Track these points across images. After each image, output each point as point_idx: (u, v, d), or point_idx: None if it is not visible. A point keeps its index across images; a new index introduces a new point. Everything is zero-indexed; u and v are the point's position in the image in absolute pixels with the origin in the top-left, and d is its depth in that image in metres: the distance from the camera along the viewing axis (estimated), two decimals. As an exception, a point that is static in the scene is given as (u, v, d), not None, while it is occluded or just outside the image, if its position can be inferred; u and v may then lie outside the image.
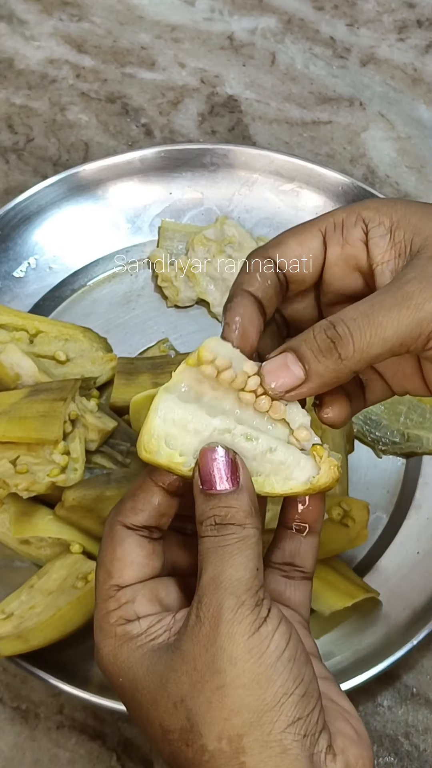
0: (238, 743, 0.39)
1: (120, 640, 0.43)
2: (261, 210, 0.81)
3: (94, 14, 0.94)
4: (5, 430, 0.61)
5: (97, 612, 0.44)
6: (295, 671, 0.40)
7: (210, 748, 0.39)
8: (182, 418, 0.43)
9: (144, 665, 0.41)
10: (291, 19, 0.95)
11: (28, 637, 0.59)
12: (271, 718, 0.39)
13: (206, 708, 0.39)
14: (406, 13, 0.96)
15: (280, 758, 0.39)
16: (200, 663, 0.40)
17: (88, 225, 0.79)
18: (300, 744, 0.39)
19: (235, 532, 0.42)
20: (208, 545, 0.42)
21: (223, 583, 0.41)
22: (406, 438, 0.71)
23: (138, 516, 0.44)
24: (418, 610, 0.64)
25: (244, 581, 0.41)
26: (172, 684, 0.40)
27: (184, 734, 0.40)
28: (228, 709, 0.39)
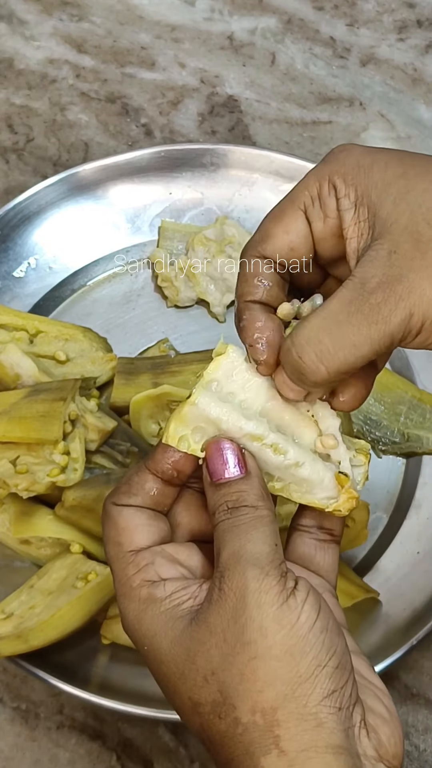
0: (272, 716, 0.38)
1: (144, 603, 0.42)
2: (261, 210, 0.80)
3: (94, 14, 0.94)
4: (5, 430, 0.61)
5: (117, 582, 0.43)
6: (328, 642, 0.40)
7: (244, 720, 0.39)
8: (217, 418, 0.43)
9: (168, 636, 0.41)
10: (291, 19, 0.95)
11: (28, 637, 0.59)
12: (305, 690, 0.38)
13: (239, 680, 0.39)
14: (406, 13, 0.96)
15: (315, 732, 0.38)
16: (229, 635, 0.39)
17: (88, 225, 0.79)
18: (335, 717, 0.39)
19: (249, 513, 0.42)
20: (223, 527, 0.42)
21: (244, 556, 0.40)
22: (406, 438, 0.71)
23: (131, 500, 0.44)
24: (418, 610, 0.64)
25: (265, 553, 0.40)
26: (201, 657, 0.40)
27: (216, 707, 0.39)
28: (261, 681, 0.39)
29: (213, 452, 0.43)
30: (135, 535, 0.43)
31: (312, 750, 0.38)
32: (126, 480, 0.45)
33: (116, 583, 0.43)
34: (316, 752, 0.38)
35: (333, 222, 0.44)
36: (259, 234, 0.46)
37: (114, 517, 0.44)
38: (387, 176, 0.42)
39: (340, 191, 0.43)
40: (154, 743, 0.62)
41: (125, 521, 0.44)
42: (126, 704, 0.58)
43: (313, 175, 0.44)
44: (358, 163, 0.43)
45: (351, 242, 0.43)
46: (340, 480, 0.45)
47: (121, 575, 0.43)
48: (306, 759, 0.38)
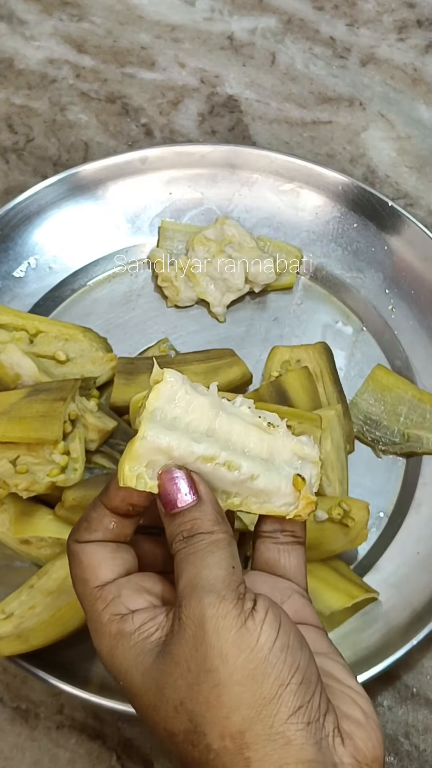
0: (240, 739, 0.39)
1: (114, 638, 0.43)
2: (261, 210, 0.81)
3: (94, 14, 0.94)
4: (5, 430, 0.61)
5: (88, 619, 0.44)
6: (290, 660, 0.40)
7: (215, 746, 0.39)
8: (168, 447, 0.43)
9: (139, 670, 0.42)
10: (291, 19, 0.95)
11: (28, 637, 0.59)
12: (270, 711, 0.39)
13: (206, 708, 0.39)
14: (406, 13, 0.96)
15: (284, 750, 0.39)
16: (192, 664, 0.40)
17: (88, 225, 0.79)
18: (305, 732, 0.39)
19: (204, 539, 0.42)
20: (180, 557, 0.42)
21: (199, 583, 0.41)
22: (406, 438, 0.71)
23: (92, 535, 0.45)
24: (418, 610, 0.64)
25: (221, 578, 0.41)
26: (170, 689, 0.40)
27: (188, 735, 0.40)
28: (227, 707, 0.39)
29: (165, 482, 0.43)
30: (98, 570, 0.44)
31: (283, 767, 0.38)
32: (84, 517, 0.46)
33: (88, 619, 0.44)
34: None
35: None
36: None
37: (77, 554, 0.45)
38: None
39: None
40: (154, 743, 0.62)
41: (88, 558, 0.44)
42: (126, 704, 0.58)
43: None
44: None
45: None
46: (297, 483, 0.46)
47: (90, 611, 0.44)
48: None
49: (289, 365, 0.72)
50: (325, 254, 0.79)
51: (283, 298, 0.78)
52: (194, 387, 0.45)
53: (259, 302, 0.78)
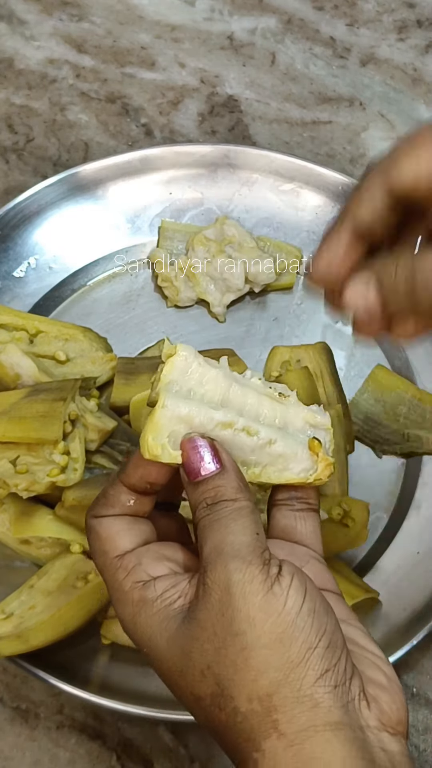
0: (268, 702, 0.39)
1: (137, 606, 0.42)
2: (261, 210, 0.81)
3: (94, 14, 0.94)
4: (5, 430, 0.61)
5: (110, 588, 0.44)
6: (317, 624, 0.40)
7: (242, 709, 0.39)
8: (188, 415, 0.44)
9: (164, 636, 0.42)
10: (291, 19, 0.95)
11: (28, 637, 0.59)
12: (298, 674, 0.39)
13: (233, 671, 0.40)
14: (406, 13, 0.96)
15: (312, 712, 0.39)
16: (219, 628, 0.40)
17: (88, 225, 0.79)
18: (332, 695, 0.39)
19: (228, 506, 0.42)
20: (204, 523, 0.42)
21: (225, 549, 0.41)
22: (406, 438, 0.71)
23: (109, 510, 0.45)
24: (418, 610, 0.64)
25: (246, 544, 0.41)
26: (196, 653, 0.40)
27: (215, 699, 0.40)
28: (254, 670, 0.39)
29: (188, 451, 0.43)
30: (117, 540, 0.44)
31: (311, 729, 0.39)
32: (102, 493, 0.46)
33: (109, 589, 0.44)
34: (315, 731, 0.39)
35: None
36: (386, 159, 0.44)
37: (95, 528, 0.45)
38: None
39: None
40: (154, 743, 0.62)
41: (106, 530, 0.45)
42: (126, 704, 0.58)
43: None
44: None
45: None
46: (314, 446, 0.46)
47: (112, 581, 0.44)
48: (305, 738, 0.38)
49: (289, 365, 0.72)
50: (325, 254, 0.79)
51: (283, 298, 0.78)
52: (206, 361, 0.45)
53: (259, 302, 0.78)
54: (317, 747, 0.38)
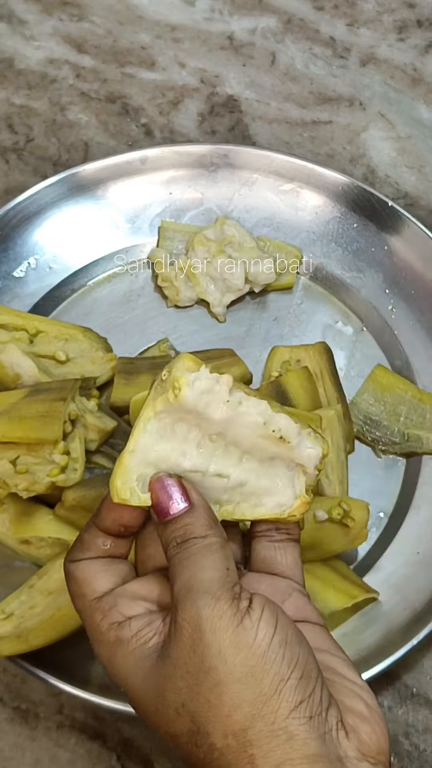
0: (243, 737, 0.39)
1: (113, 646, 0.43)
2: (261, 210, 0.81)
3: (94, 14, 0.94)
4: (5, 430, 0.61)
5: (88, 630, 0.45)
6: (288, 655, 0.40)
7: (218, 745, 0.39)
8: (156, 459, 0.44)
9: (138, 676, 0.42)
10: (291, 19, 0.95)
11: (28, 637, 0.59)
12: (271, 707, 0.39)
13: (207, 708, 0.40)
14: (406, 13, 0.96)
15: (288, 745, 0.39)
16: (191, 665, 0.40)
17: (88, 225, 0.79)
18: (307, 727, 0.39)
19: (197, 543, 0.43)
20: (174, 562, 0.43)
21: (194, 586, 0.41)
22: (406, 438, 0.71)
23: (86, 555, 0.46)
24: (418, 610, 0.64)
25: (216, 579, 0.41)
26: (170, 691, 0.41)
27: (191, 737, 0.40)
28: (228, 706, 0.39)
29: (157, 491, 0.44)
30: (94, 582, 0.45)
31: (287, 763, 0.38)
32: (78, 538, 0.46)
33: (88, 631, 0.45)
34: (291, 765, 0.38)
35: None
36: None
37: (72, 572, 0.45)
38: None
39: None
40: (154, 743, 0.62)
41: (82, 573, 0.45)
42: (126, 704, 0.58)
43: None
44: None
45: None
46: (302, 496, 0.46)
47: (90, 623, 0.44)
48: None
49: (289, 365, 0.72)
50: (325, 254, 0.79)
51: (283, 298, 0.78)
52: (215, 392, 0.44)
53: (259, 302, 0.78)
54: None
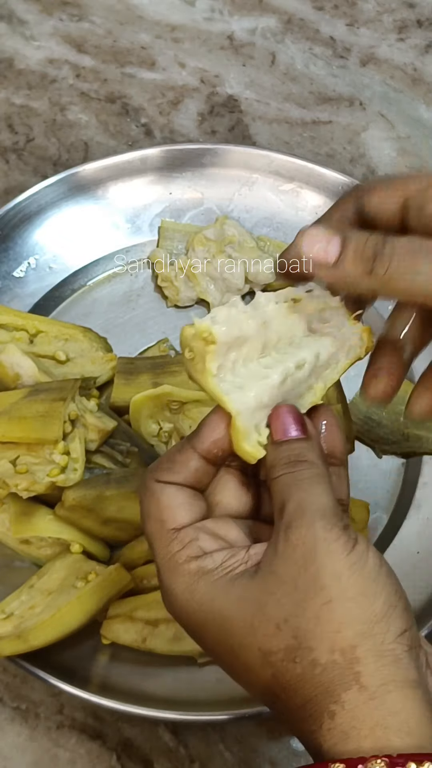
0: (351, 654, 0.39)
1: (195, 575, 0.43)
2: (261, 210, 0.81)
3: (94, 14, 0.94)
4: (5, 430, 0.61)
5: (161, 559, 0.44)
6: (395, 585, 0.41)
7: (322, 660, 0.39)
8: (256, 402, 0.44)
9: (232, 595, 0.42)
10: (291, 19, 0.95)
11: (28, 637, 0.59)
12: (381, 628, 0.40)
13: (314, 623, 0.40)
14: (406, 13, 0.96)
15: (394, 666, 0.39)
16: (301, 582, 0.40)
17: (88, 225, 0.79)
18: (409, 655, 0.40)
19: (309, 468, 0.43)
20: (286, 480, 0.43)
21: (310, 507, 0.41)
22: (406, 438, 0.71)
23: (174, 477, 0.45)
24: (418, 610, 0.64)
25: (330, 507, 0.42)
26: (272, 606, 0.41)
27: (290, 652, 0.40)
28: (338, 622, 0.40)
29: (278, 415, 0.45)
30: (177, 513, 0.44)
31: (391, 684, 0.39)
32: (168, 457, 0.45)
33: (159, 559, 0.44)
34: (395, 686, 0.39)
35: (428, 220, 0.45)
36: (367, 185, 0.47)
37: (156, 494, 0.45)
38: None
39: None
40: (154, 743, 0.62)
41: (168, 499, 0.44)
42: (126, 704, 0.58)
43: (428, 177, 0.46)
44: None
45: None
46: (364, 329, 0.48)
47: (164, 552, 0.44)
48: (386, 692, 0.39)
49: (289, 365, 0.72)
50: (325, 254, 0.79)
51: (283, 298, 0.78)
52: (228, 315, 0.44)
53: (259, 302, 0.78)
54: (398, 702, 0.39)
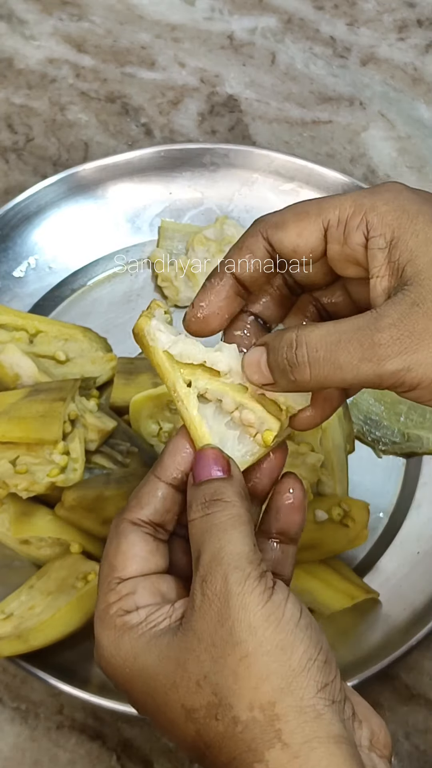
0: (271, 710, 0.39)
1: (120, 630, 0.42)
2: (261, 210, 0.79)
3: (94, 14, 0.94)
4: (5, 430, 0.61)
5: (97, 606, 0.44)
6: (315, 638, 0.40)
7: (243, 718, 0.39)
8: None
9: (153, 653, 0.41)
10: (291, 19, 0.95)
11: (28, 637, 0.59)
12: (300, 683, 0.39)
13: (233, 680, 0.39)
14: (406, 13, 0.96)
15: (315, 723, 0.38)
16: (218, 638, 0.40)
17: (88, 225, 0.79)
18: (331, 709, 0.39)
19: (226, 509, 0.42)
20: (201, 526, 0.42)
21: (224, 558, 0.41)
22: (406, 438, 0.71)
23: (143, 510, 0.45)
24: (418, 610, 0.64)
25: (245, 554, 0.41)
26: (192, 664, 0.40)
27: (211, 709, 0.39)
28: (256, 678, 0.39)
29: (200, 457, 0.44)
30: (128, 562, 0.44)
31: (315, 740, 0.38)
32: (135, 492, 0.46)
33: (96, 606, 0.44)
34: (319, 742, 0.38)
35: (351, 252, 0.44)
36: (275, 218, 0.45)
37: (120, 536, 0.44)
38: (430, 234, 0.42)
39: (374, 230, 0.42)
40: (154, 743, 0.62)
41: (127, 545, 0.44)
42: (126, 704, 0.58)
43: (350, 198, 0.44)
44: (403, 208, 0.42)
45: (380, 281, 0.42)
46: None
47: (101, 600, 0.44)
48: (310, 750, 0.38)
49: (289, 365, 0.72)
50: (325, 254, 0.79)
51: (283, 297, 0.78)
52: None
53: (259, 302, 0.78)
54: (322, 760, 0.38)
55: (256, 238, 0.45)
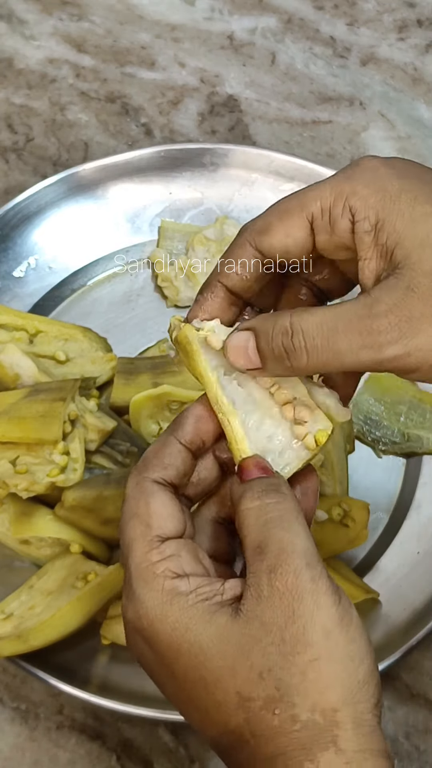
0: (332, 717, 0.39)
1: (168, 594, 0.41)
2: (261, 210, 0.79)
3: (94, 14, 0.94)
4: (5, 430, 0.61)
5: (137, 563, 0.42)
6: (373, 652, 0.41)
7: (302, 718, 0.39)
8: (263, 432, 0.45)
9: (210, 629, 0.40)
10: (291, 19, 0.95)
11: (28, 637, 0.59)
12: (362, 697, 0.39)
13: (300, 680, 0.39)
14: (406, 13, 0.96)
15: (370, 737, 0.39)
16: (288, 634, 0.39)
17: (88, 225, 0.79)
18: (379, 727, 0.40)
19: (285, 500, 0.42)
20: (260, 515, 0.41)
21: (295, 551, 0.40)
22: (406, 438, 0.71)
23: (166, 471, 0.43)
24: (418, 610, 0.64)
25: (312, 552, 0.41)
26: (257, 654, 0.39)
27: (270, 703, 0.39)
28: (324, 683, 0.39)
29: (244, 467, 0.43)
30: (166, 522, 0.42)
31: (367, 752, 0.39)
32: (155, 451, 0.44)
33: (134, 565, 0.42)
34: (371, 754, 0.39)
35: (339, 240, 0.43)
36: (259, 225, 0.45)
37: (148, 495, 0.43)
38: (415, 213, 0.41)
39: (359, 214, 0.42)
40: (154, 743, 0.62)
41: (159, 505, 0.42)
42: (126, 704, 0.58)
43: (329, 186, 0.43)
44: (384, 188, 0.42)
45: (368, 263, 0.42)
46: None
47: (141, 558, 0.42)
48: (363, 759, 0.39)
49: (289, 365, 0.72)
50: (325, 254, 0.79)
51: (283, 298, 0.78)
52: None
53: (259, 302, 0.78)
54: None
55: (244, 248, 0.45)
